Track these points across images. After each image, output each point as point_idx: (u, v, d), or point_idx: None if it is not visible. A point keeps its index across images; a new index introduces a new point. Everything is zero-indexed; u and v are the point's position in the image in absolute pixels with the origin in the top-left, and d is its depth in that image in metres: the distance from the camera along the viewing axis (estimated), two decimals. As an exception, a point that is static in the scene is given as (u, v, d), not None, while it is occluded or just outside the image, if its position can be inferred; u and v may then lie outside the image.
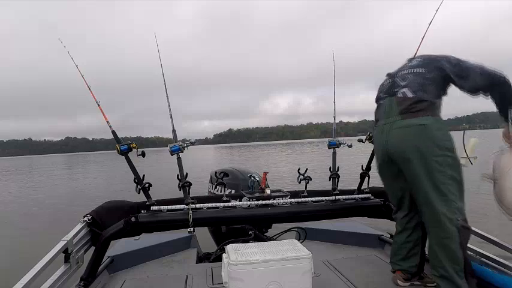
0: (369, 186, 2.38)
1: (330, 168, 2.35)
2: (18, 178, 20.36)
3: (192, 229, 1.94)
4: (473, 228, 1.85)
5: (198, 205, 2.02)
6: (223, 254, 1.67)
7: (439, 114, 1.70)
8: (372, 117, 2.25)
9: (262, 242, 1.79)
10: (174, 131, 2.17)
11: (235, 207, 2.09)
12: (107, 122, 2.15)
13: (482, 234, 1.82)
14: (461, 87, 1.70)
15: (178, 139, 2.14)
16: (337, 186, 2.31)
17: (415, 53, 2.22)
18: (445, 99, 1.75)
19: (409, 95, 1.71)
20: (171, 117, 2.18)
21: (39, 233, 5.80)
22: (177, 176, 2.08)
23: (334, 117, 2.47)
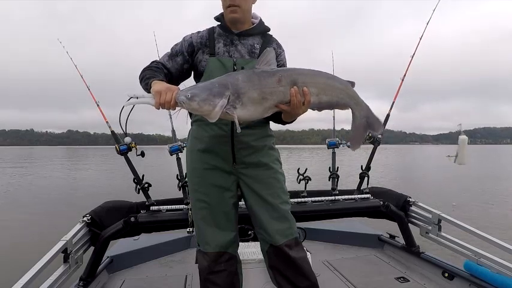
0: (369, 186, 2.38)
1: (330, 168, 2.34)
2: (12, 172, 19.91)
3: (191, 229, 1.94)
4: (472, 228, 1.84)
5: None
6: (223, 254, 1.67)
7: None
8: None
9: None
10: (173, 131, 2.17)
11: None
12: (106, 122, 2.16)
13: (482, 235, 1.82)
14: None
15: (178, 138, 2.14)
16: (337, 186, 2.31)
17: (413, 54, 2.29)
18: (447, 114, 1.81)
19: None
20: (171, 117, 2.19)
21: (38, 232, 5.79)
22: (177, 176, 2.08)
23: (334, 116, 2.47)
